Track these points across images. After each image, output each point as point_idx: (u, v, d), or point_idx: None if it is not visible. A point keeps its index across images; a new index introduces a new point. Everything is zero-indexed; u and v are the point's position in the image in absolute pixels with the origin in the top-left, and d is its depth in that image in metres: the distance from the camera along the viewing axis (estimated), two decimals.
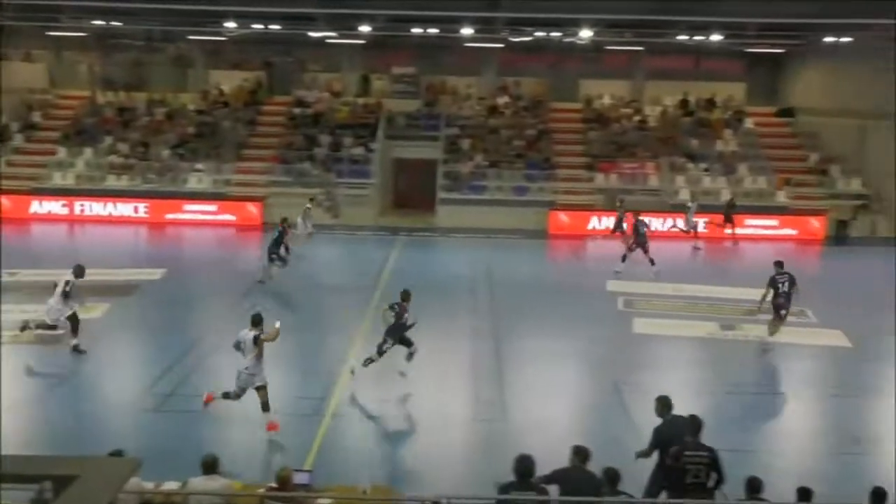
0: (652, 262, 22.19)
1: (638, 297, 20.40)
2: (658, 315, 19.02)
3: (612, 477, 8.39)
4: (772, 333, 16.45)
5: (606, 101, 36.26)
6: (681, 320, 18.77)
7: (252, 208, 29.80)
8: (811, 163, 32.47)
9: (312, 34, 31.02)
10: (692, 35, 30.00)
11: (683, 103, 35.80)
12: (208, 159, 31.93)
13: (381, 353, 14.23)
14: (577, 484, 8.29)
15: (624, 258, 22.62)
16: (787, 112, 35.86)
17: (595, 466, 8.59)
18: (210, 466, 8.39)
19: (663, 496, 9.17)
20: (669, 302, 20.06)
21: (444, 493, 8.28)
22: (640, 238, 22.68)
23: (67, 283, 15.17)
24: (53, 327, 15.27)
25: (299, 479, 8.73)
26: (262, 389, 12.10)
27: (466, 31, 28.29)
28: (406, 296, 14.54)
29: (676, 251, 27.18)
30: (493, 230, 28.51)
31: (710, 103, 35.79)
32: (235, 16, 27.03)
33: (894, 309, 17.30)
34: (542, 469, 8.24)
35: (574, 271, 20.91)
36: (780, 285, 16.26)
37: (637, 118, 34.91)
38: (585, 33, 27.56)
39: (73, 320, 15.30)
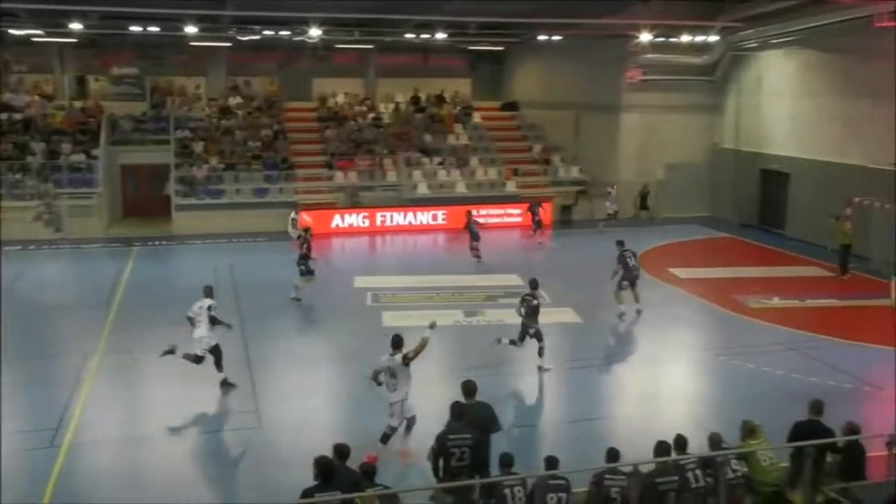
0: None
1: (385, 291, 20.70)
2: (406, 307, 19.39)
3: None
4: (638, 299, 18.47)
5: (340, 99, 36.45)
6: (427, 310, 19.23)
7: None
8: (535, 153, 34.74)
9: (14, 32, 28.25)
10: (419, 34, 30.96)
11: (415, 100, 36.85)
12: None
13: (523, 337, 15.01)
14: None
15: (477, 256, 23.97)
16: (511, 106, 38.17)
17: (354, 463, 8.57)
18: None
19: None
20: (415, 294, 20.52)
21: None
22: (472, 235, 24.01)
23: (210, 307, 14.11)
24: (201, 359, 14.00)
25: None
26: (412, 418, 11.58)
27: (191, 29, 27.12)
28: (535, 283, 15.41)
29: (417, 244, 28.00)
30: (235, 234, 27.71)
31: (440, 99, 37.16)
32: None
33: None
34: (308, 477, 8.03)
35: (320, 270, 20.78)
36: (628, 260, 18.29)
37: (371, 115, 35.43)
38: (315, 32, 27.46)
39: (217, 353, 14.05)
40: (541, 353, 15.05)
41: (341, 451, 8.51)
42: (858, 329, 17.39)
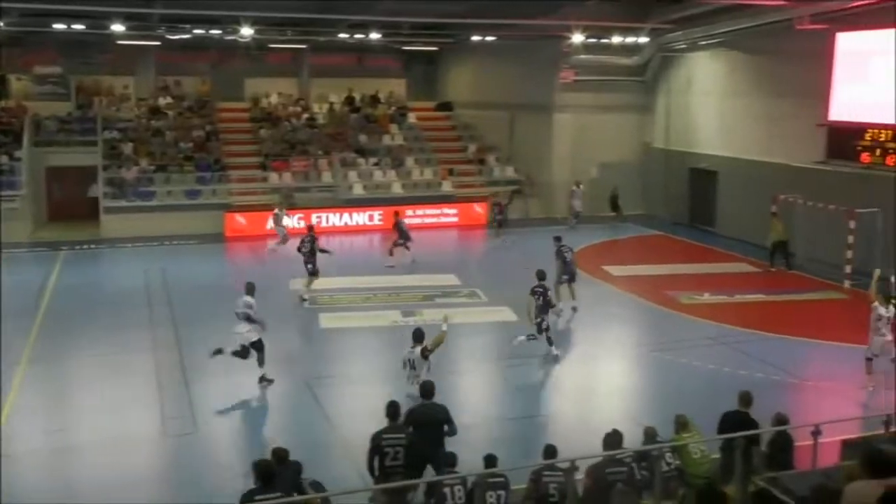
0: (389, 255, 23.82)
1: (321, 293, 20.52)
2: (343, 309, 19.29)
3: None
4: (574, 296, 18.97)
5: (274, 99, 36.04)
6: (365, 312, 19.22)
7: None
8: (470, 153, 34.89)
9: None
10: (353, 34, 30.82)
11: (350, 100, 36.66)
12: None
13: (541, 330, 15.40)
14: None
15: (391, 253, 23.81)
16: (446, 106, 38.28)
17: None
18: None
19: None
20: (352, 295, 20.42)
21: None
22: (402, 234, 23.82)
23: (247, 304, 14.35)
24: (247, 352, 14.19)
25: None
26: None
27: (118, 27, 26.45)
28: (542, 275, 15.97)
29: (354, 245, 27.88)
30: (166, 236, 27.14)
31: (375, 99, 37.03)
32: None
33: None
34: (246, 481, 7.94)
35: (255, 273, 20.43)
36: (566, 255, 18.84)
37: (306, 116, 35.12)
38: (247, 31, 27.07)
39: (259, 348, 14.17)
40: (550, 342, 15.60)
41: (280, 454, 8.48)
42: (785, 323, 17.94)
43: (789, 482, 7.40)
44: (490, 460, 8.76)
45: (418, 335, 11.82)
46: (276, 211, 26.57)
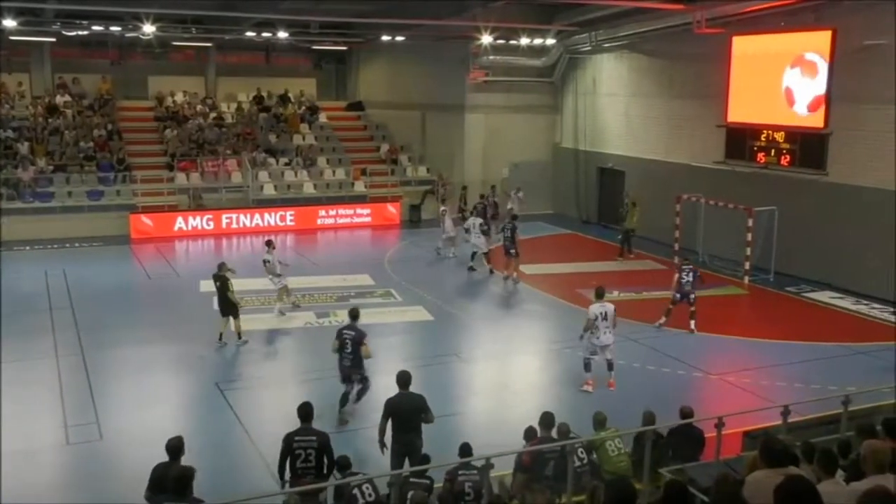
0: None
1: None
2: (254, 311, 18.97)
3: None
4: (511, 272, 21.41)
5: (179, 98, 35.15)
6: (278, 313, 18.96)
7: None
8: (382, 153, 34.81)
9: None
10: (259, 32, 30.36)
11: (258, 99, 36.09)
12: None
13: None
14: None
15: None
16: (357, 106, 38.10)
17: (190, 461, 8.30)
18: None
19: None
20: (264, 297, 20.10)
21: None
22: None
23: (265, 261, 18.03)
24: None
25: None
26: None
27: (9, 22, 25.28)
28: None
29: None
30: (67, 239, 26.22)
31: (285, 99, 36.55)
32: None
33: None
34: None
35: (163, 275, 19.99)
36: (506, 233, 21.52)
37: (213, 115, 34.40)
38: (149, 28, 26.29)
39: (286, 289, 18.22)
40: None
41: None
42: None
43: (694, 473, 7.65)
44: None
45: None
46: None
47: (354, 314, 13.06)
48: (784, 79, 22.01)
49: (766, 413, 11.44)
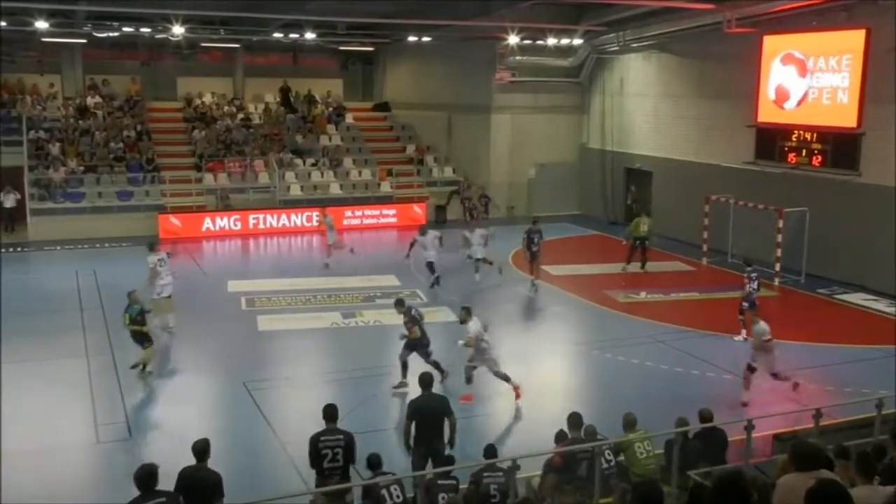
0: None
1: (259, 295, 20.27)
2: (281, 311, 19.07)
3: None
4: (537, 277, 21.17)
5: (207, 99, 35.41)
6: (304, 313, 19.02)
7: None
8: (408, 154, 34.83)
9: None
10: (287, 33, 30.50)
11: (284, 91, 36.19)
12: None
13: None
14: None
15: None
16: (383, 106, 38.15)
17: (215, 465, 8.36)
18: None
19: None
20: (291, 297, 20.20)
21: None
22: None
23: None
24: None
25: None
26: None
27: (42, 24, 25.61)
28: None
29: (292, 246, 27.57)
30: (97, 239, 26.48)
31: (311, 99, 36.69)
32: None
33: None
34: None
35: (193, 275, 20.13)
36: (533, 237, 21.14)
37: (241, 116, 34.62)
38: (178, 30, 26.51)
39: None
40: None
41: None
42: (719, 320, 18.28)
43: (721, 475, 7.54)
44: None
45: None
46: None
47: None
48: (814, 78, 21.72)
49: (798, 416, 11.28)
